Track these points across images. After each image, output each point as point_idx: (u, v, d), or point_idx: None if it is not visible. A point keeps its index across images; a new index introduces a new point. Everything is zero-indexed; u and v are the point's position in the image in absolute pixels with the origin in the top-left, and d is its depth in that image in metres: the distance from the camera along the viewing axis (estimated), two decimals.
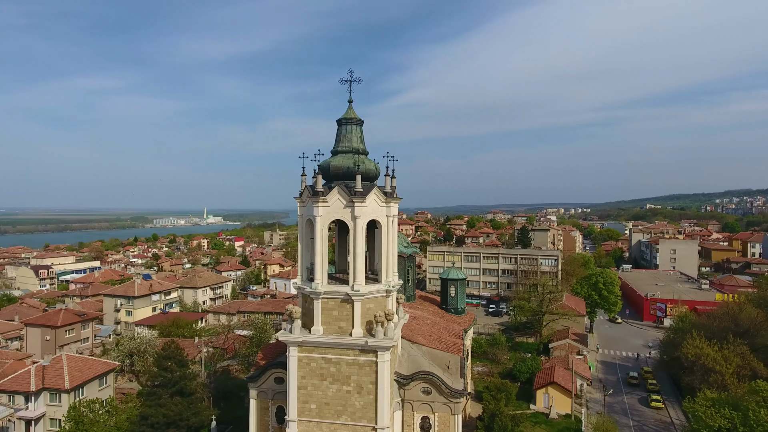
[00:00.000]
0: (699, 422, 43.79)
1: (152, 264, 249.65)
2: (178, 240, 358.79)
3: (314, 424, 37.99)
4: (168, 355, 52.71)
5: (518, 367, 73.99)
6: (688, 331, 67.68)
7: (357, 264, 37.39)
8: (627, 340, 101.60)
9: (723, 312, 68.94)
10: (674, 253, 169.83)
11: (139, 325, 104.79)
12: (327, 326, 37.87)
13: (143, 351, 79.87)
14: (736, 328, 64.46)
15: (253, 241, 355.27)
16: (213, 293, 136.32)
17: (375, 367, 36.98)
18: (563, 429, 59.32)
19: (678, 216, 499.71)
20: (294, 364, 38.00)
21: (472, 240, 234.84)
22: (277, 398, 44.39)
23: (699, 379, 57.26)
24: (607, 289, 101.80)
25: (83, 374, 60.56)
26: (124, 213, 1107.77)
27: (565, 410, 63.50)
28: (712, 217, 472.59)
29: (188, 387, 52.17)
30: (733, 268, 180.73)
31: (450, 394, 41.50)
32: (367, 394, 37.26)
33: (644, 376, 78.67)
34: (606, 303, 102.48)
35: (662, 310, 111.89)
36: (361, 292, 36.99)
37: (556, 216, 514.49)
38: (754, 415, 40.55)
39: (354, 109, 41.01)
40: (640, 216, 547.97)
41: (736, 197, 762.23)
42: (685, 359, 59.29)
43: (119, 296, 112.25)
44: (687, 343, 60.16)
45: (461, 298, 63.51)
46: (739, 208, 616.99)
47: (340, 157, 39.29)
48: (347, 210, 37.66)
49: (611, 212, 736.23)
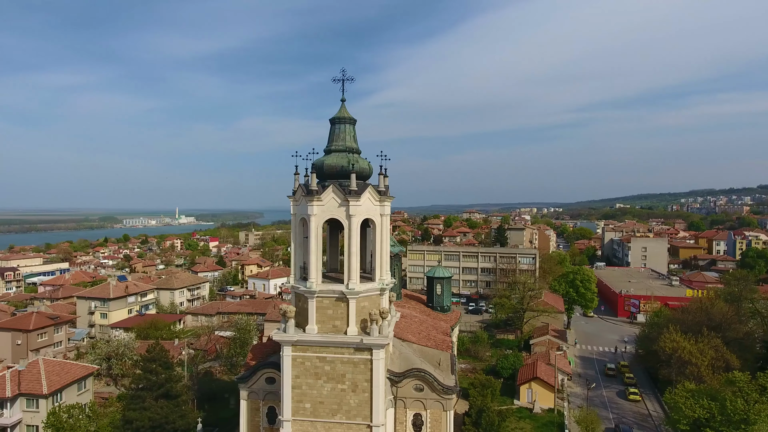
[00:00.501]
0: (678, 413, 45.49)
1: (124, 265, 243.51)
2: (151, 240, 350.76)
3: (309, 424, 37.93)
4: (152, 358, 51.65)
5: (501, 364, 75.17)
6: (663, 326, 70.05)
7: (352, 263, 37.50)
8: (603, 336, 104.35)
9: (696, 307, 71.72)
10: (645, 250, 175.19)
11: (114, 327, 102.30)
12: (321, 325, 37.85)
13: (121, 354, 78.09)
14: (709, 322, 67.13)
15: (228, 241, 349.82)
16: (190, 294, 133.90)
17: (370, 365, 37.17)
18: (547, 423, 60.65)
19: (646, 215, 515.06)
20: (288, 364, 37.84)
21: (450, 239, 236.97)
22: (268, 398, 44.08)
23: (676, 371, 59.40)
24: (584, 286, 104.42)
25: (61, 378, 58.81)
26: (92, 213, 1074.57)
27: (548, 405, 64.90)
28: (679, 216, 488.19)
29: (174, 389, 51.25)
30: (700, 265, 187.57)
31: (442, 390, 41.98)
32: (362, 392, 37.41)
33: (621, 370, 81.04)
34: (583, 300, 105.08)
35: (636, 306, 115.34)
36: (356, 290, 37.12)
37: (530, 215, 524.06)
38: (731, 405, 42.37)
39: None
40: (610, 215, 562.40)
41: (700, 197, 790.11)
42: (663, 353, 61.43)
43: (93, 298, 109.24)
44: (664, 337, 62.35)
45: (447, 296, 64.21)
46: (703, 208, 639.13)
47: (334, 155, 39.31)
48: (342, 209, 37.71)
49: (582, 212, 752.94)
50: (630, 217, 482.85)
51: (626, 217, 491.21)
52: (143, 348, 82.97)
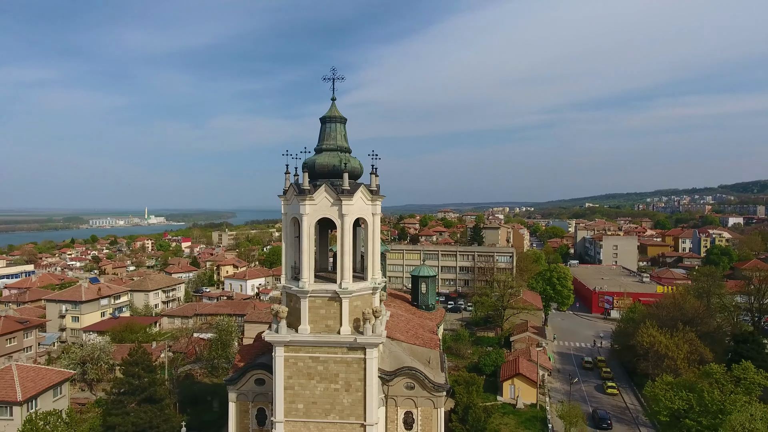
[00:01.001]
0: (659, 404, 47.10)
1: (92, 267, 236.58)
2: (120, 241, 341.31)
3: (301, 424, 37.69)
4: (135, 361, 50.43)
5: (483, 361, 76.24)
6: (639, 321, 72.35)
7: (345, 262, 37.42)
8: (579, 332, 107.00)
9: (670, 303, 74.31)
10: (616, 248, 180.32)
11: (87, 331, 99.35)
12: (314, 325, 37.67)
13: (97, 358, 76.04)
14: (682, 317, 69.68)
15: (201, 241, 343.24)
16: (165, 296, 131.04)
17: (363, 364, 37.18)
18: (530, 418, 61.87)
19: (614, 214, 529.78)
20: (280, 365, 37.51)
21: (426, 238, 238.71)
22: (258, 400, 43.56)
23: (653, 364, 61.45)
24: (561, 283, 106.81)
25: (36, 384, 56.76)
26: (56, 213, 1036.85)
27: (531, 400, 66.21)
28: (645, 215, 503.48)
29: (158, 393, 50.15)
30: (668, 262, 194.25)
31: (433, 388, 42.27)
32: (356, 391, 37.40)
33: (598, 365, 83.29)
34: (560, 297, 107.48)
35: (609, 303, 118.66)
36: (349, 290, 37.07)
37: (503, 215, 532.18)
38: (708, 396, 44.13)
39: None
40: (580, 214, 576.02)
41: (665, 196, 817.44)
42: (640, 347, 63.46)
43: (64, 301, 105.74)
44: (641, 332, 64.42)
45: (432, 295, 64.68)
46: (667, 207, 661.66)
47: (325, 155, 39.13)
48: (334, 208, 37.60)
49: (553, 211, 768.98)
50: (599, 216, 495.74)
51: (595, 216, 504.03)
52: (119, 352, 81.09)
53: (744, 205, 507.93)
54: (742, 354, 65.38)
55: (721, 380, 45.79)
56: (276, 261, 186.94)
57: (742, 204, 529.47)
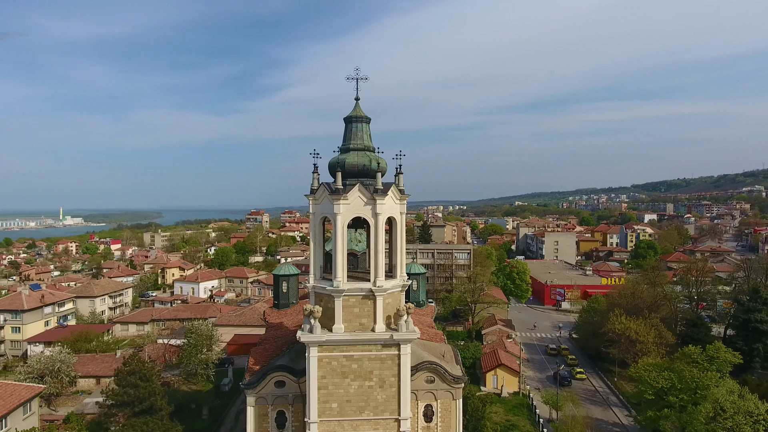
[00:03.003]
0: (644, 384, 51.78)
1: (11, 273, 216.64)
2: (39, 245, 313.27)
3: (336, 423, 37.73)
4: (131, 370, 47.63)
5: (462, 354, 78.93)
6: (603, 311, 78.34)
7: (378, 260, 37.82)
8: (537, 322, 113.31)
9: (629, 293, 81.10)
10: (557, 244, 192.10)
11: (32, 342, 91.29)
12: (348, 324, 37.78)
13: (57, 371, 70.44)
14: (642, 304, 76.37)
15: (131, 243, 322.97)
16: (112, 302, 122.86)
17: (397, 360, 37.83)
18: (517, 405, 65.30)
19: (542, 212, 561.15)
20: (314, 365, 37.28)
21: None
22: (278, 402, 42.92)
23: (625, 350, 66.98)
24: (520, 278, 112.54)
25: (6, 402, 51.79)
26: None
27: (513, 389, 69.76)
28: (570, 212, 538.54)
29: (157, 403, 47.70)
30: (600, 256, 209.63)
31: (452, 380, 43.79)
32: (390, 387, 38.00)
33: (562, 353, 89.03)
34: (519, 291, 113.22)
35: (561, 295, 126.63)
36: (384, 287, 37.56)
37: (440, 213, 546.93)
38: (688, 374, 49.23)
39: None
40: (511, 212, 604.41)
41: (585, 195, 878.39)
42: (613, 334, 68.85)
43: (2, 311, 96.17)
44: (612, 320, 69.89)
45: (423, 291, 66.09)
46: (588, 205, 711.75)
47: (354, 154, 39.31)
48: (367, 207, 37.91)
49: (485, 209, 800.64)
50: (529, 213, 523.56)
51: (525, 214, 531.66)
52: (80, 363, 75.75)
53: (655, 203, 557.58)
54: (692, 337, 73.08)
55: (697, 360, 51.23)
56: (225, 262, 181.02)
57: (653, 202, 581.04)
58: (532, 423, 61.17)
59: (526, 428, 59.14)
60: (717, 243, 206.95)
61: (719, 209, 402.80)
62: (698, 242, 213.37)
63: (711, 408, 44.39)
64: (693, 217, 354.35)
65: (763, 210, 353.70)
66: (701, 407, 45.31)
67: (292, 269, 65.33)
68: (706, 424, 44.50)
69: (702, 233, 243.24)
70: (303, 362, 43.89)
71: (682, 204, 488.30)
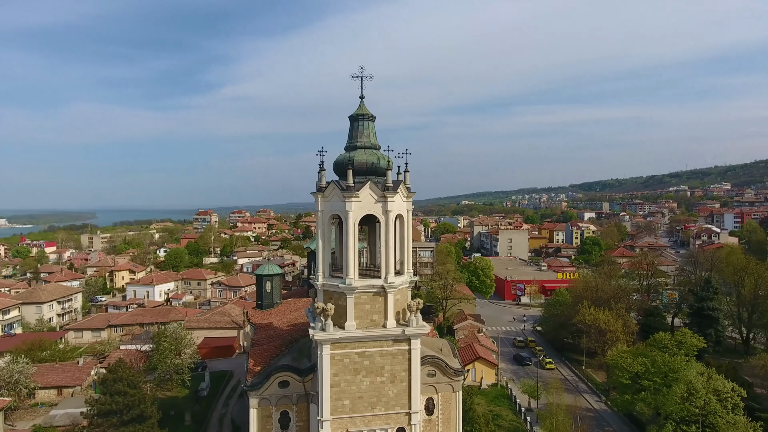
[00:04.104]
0: (621, 369, 55.39)
1: None
2: None
3: (348, 420, 37.89)
4: (118, 377, 45.37)
5: None
6: (571, 304, 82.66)
7: (389, 257, 38.35)
8: (500, 317, 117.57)
9: (593, 286, 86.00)
10: (510, 241, 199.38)
11: None
12: (359, 321, 38.01)
13: (15, 383, 65.68)
14: (604, 296, 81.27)
15: (68, 246, 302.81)
16: (61, 308, 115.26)
17: (408, 355, 38.55)
18: (498, 396, 67.77)
19: (489, 210, 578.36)
20: (327, 363, 37.25)
21: None
22: (281, 403, 42.41)
23: (595, 339, 71.07)
24: (485, 274, 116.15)
25: None
26: None
27: (491, 381, 72.23)
28: (515, 211, 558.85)
29: (148, 410, 45.72)
30: (550, 252, 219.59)
31: (453, 373, 44.98)
32: (400, 381, 38.64)
33: (529, 345, 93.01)
34: (483, 287, 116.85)
35: (521, 290, 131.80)
36: (395, 284, 38.14)
37: None
38: (661, 359, 53.21)
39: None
40: (459, 211, 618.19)
41: (527, 194, 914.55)
42: (583, 324, 72.80)
43: None
44: (582, 311, 73.86)
45: None
46: (530, 204, 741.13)
47: (363, 152, 39.59)
48: (378, 205, 38.32)
49: (433, 208, 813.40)
50: (476, 212, 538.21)
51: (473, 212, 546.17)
52: (39, 374, 71.18)
53: (592, 202, 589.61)
54: (650, 325, 78.60)
55: (668, 345, 55.45)
56: (178, 264, 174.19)
57: (590, 201, 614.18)
58: (513, 412, 63.79)
59: (509, 417, 61.58)
60: (653, 239, 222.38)
61: (651, 207, 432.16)
62: (636, 238, 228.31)
63: (685, 388, 48.27)
64: (627, 215, 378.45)
65: (689, 208, 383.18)
66: (675, 388, 49.15)
67: (275, 269, 64.59)
68: (681, 403, 48.38)
69: (639, 230, 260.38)
70: (306, 361, 43.92)
71: (617, 203, 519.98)
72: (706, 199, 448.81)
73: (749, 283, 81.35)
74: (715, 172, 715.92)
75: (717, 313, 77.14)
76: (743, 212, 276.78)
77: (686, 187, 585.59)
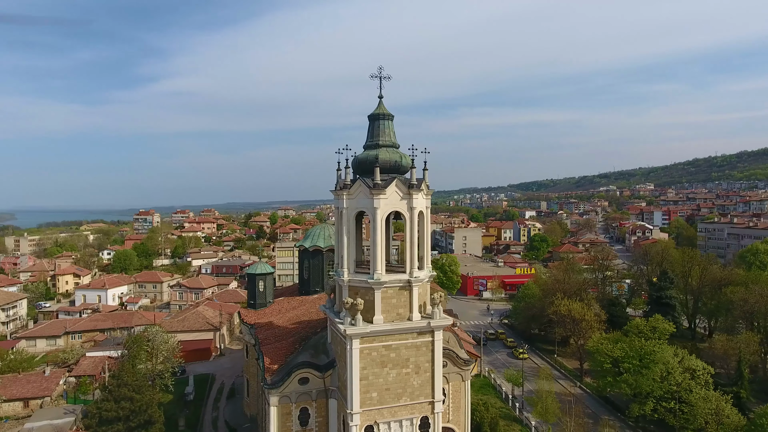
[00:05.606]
0: (601, 354, 59.78)
1: None
2: None
3: (376, 412, 38.82)
4: (123, 383, 43.57)
5: None
6: (540, 297, 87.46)
7: (413, 252, 39.77)
8: (467, 311, 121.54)
9: (561, 279, 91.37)
10: (465, 239, 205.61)
11: None
12: (386, 314, 39.07)
13: None
14: (572, 289, 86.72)
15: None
16: (5, 315, 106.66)
17: (432, 347, 40.08)
18: (483, 385, 70.70)
19: (434, 209, 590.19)
20: (357, 357, 37.98)
21: (284, 235, 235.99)
22: (301, 400, 42.65)
23: (570, 329, 75.71)
24: (451, 270, 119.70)
25: None
26: None
27: (474, 371, 75.01)
28: (458, 210, 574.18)
29: (156, 415, 44.21)
30: (500, 249, 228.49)
31: (462, 363, 47.16)
32: (424, 372, 40.08)
33: (499, 336, 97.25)
34: (450, 283, 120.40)
35: (483, 285, 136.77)
36: (420, 278, 39.58)
37: None
38: (638, 343, 58.05)
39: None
40: None
41: (468, 194, 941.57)
42: (557, 315, 77.28)
43: None
44: (556, 302, 78.36)
45: None
46: (472, 203, 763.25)
47: (385, 151, 40.63)
48: (403, 202, 39.56)
49: None
50: None
51: None
52: (3, 386, 66.55)
53: (530, 201, 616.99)
54: (612, 314, 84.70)
55: (644, 331, 60.54)
56: (128, 267, 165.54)
57: (529, 200, 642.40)
58: (501, 400, 66.96)
59: (498, 405, 64.55)
60: (594, 235, 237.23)
61: (585, 206, 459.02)
62: (578, 235, 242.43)
63: (663, 368, 53.11)
64: (565, 213, 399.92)
65: (620, 207, 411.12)
66: (653, 369, 53.96)
67: (267, 268, 64.12)
68: (660, 382, 53.20)
69: (579, 227, 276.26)
70: (324, 357, 44.46)
71: (554, 202, 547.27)
72: (633, 198, 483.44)
73: (695, 273, 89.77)
74: (639, 173, 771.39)
75: (674, 301, 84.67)
76: (670, 210, 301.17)
77: (615, 187, 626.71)
